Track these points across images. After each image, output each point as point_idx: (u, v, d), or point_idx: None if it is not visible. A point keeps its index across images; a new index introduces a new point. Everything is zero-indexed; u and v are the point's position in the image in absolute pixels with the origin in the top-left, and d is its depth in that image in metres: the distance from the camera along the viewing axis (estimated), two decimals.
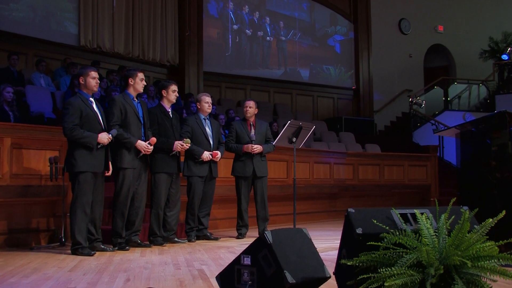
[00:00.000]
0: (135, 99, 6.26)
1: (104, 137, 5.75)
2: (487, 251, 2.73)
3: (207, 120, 7.21)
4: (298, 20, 17.17)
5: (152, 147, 6.21)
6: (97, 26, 12.38)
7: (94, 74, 5.89)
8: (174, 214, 6.73)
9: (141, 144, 6.12)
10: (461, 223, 2.72)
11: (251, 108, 7.51)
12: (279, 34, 16.73)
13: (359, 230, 3.07)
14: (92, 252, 5.57)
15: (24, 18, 11.30)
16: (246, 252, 3.42)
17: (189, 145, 6.70)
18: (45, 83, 10.07)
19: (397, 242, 2.97)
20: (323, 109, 16.92)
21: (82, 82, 5.85)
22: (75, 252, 5.58)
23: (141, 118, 6.25)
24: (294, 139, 6.61)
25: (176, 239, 6.77)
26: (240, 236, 7.41)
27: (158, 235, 6.55)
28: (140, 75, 6.30)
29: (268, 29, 16.63)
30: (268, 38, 16.49)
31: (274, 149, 7.58)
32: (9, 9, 11.05)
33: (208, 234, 7.19)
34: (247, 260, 3.41)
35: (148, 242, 6.50)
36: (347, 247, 3.22)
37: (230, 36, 15.42)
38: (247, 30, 15.85)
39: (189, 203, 7.05)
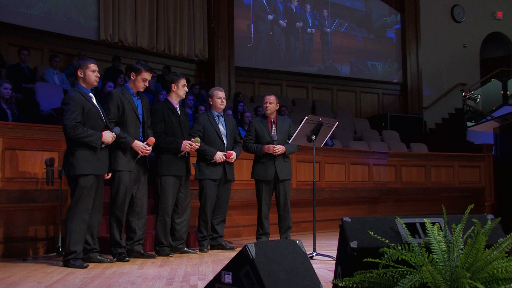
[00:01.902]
0: (135, 94, 5.96)
1: (109, 136, 5.48)
2: (508, 272, 2.28)
3: (220, 117, 6.87)
4: (350, 9, 16.62)
5: (150, 148, 5.90)
6: (118, 19, 12.24)
7: (93, 66, 5.62)
8: (183, 221, 6.41)
9: (138, 144, 5.81)
10: (474, 236, 2.27)
11: (271, 104, 7.13)
12: (323, 25, 16.21)
13: (353, 244, 2.66)
14: (85, 264, 5.28)
15: (39, 11, 11.23)
16: (227, 268, 3.07)
17: (199, 144, 6.36)
18: (59, 80, 9.93)
19: (400, 259, 2.55)
20: (366, 106, 16.40)
21: (81, 76, 5.58)
22: (66, 263, 5.31)
23: (140, 116, 5.95)
24: (313, 137, 6.19)
25: (185, 248, 6.46)
26: None
27: (164, 245, 6.24)
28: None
29: (309, 19, 16.16)
30: (309, 30, 16.02)
31: (298, 148, 7.19)
32: (24, 3, 10.98)
33: (224, 243, 6.84)
34: (228, 278, 3.05)
35: (154, 252, 6.21)
36: (342, 264, 2.82)
37: (263, 28, 15.05)
38: (280, 21, 15.43)
39: (201, 208, 6.73)
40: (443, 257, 2.48)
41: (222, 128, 6.83)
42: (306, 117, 6.09)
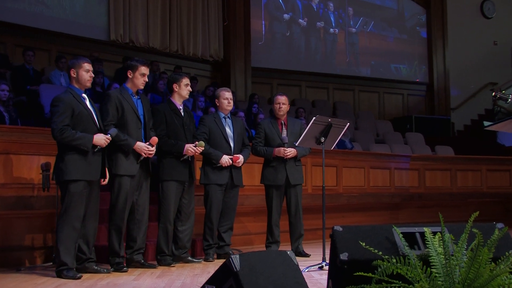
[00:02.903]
0: (134, 94, 5.81)
1: (101, 138, 5.33)
2: None
3: (227, 119, 6.70)
4: (380, 8, 16.32)
5: (154, 148, 5.73)
6: (129, 18, 12.14)
7: (87, 66, 5.47)
8: (186, 229, 6.24)
9: (140, 145, 5.65)
10: (475, 248, 2.05)
11: (284, 104, 6.96)
12: (347, 24, 15.92)
13: (343, 256, 2.47)
14: (78, 275, 5.13)
15: (46, 11, 11.18)
16: (210, 281, 2.88)
17: (203, 148, 6.18)
18: (66, 82, 9.84)
19: (395, 273, 2.34)
20: (390, 107, 16.11)
21: (74, 75, 5.44)
22: (59, 274, 5.17)
23: (141, 117, 5.79)
24: (322, 139, 5.97)
25: (189, 258, 6.28)
26: None
27: (166, 254, 6.07)
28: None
29: (332, 19, 15.91)
30: (331, 30, 15.76)
31: (311, 151, 6.99)
32: (30, 2, 10.94)
33: (230, 252, 6.65)
34: None
35: (155, 262, 6.05)
36: (333, 278, 2.61)
37: (278, 28, 14.84)
38: (300, 20, 15.21)
39: (206, 215, 6.57)
40: (443, 272, 2.26)
41: (229, 131, 6.66)
42: (314, 117, 5.88)
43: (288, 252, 3.03)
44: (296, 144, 6.36)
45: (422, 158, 11.03)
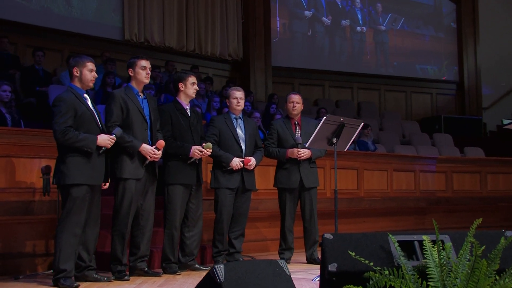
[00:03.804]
0: (140, 93, 5.69)
1: (105, 139, 5.21)
2: None
3: (239, 120, 6.54)
4: (413, 4, 15.99)
5: (160, 152, 5.60)
6: (144, 17, 12.10)
7: (91, 65, 5.37)
8: (194, 235, 6.08)
9: (146, 148, 5.52)
10: (473, 260, 1.87)
11: (298, 103, 6.81)
12: (376, 22, 15.64)
13: (332, 267, 2.31)
14: (75, 284, 5.00)
15: (58, 10, 11.17)
16: None
17: (210, 151, 6.01)
18: None
19: (387, 286, 2.16)
20: (418, 107, 15.83)
21: (77, 74, 5.33)
22: (56, 283, 5.04)
23: (147, 117, 5.66)
24: (334, 140, 5.78)
25: (197, 265, 6.12)
26: None
27: (172, 261, 5.93)
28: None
29: (359, 16, 15.66)
30: (358, 28, 15.51)
31: (326, 152, 6.81)
32: (41, 2, 10.94)
33: (241, 259, 6.49)
34: None
35: (160, 270, 5.92)
36: None
37: (298, 26, 14.64)
38: (323, 18, 14.99)
39: (216, 220, 6.41)
40: (440, 285, 2.07)
41: (240, 132, 6.50)
42: (325, 117, 5.70)
43: (280, 262, 2.86)
44: (306, 146, 6.18)
45: (449, 160, 10.74)
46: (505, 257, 2.20)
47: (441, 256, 2.12)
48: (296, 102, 6.77)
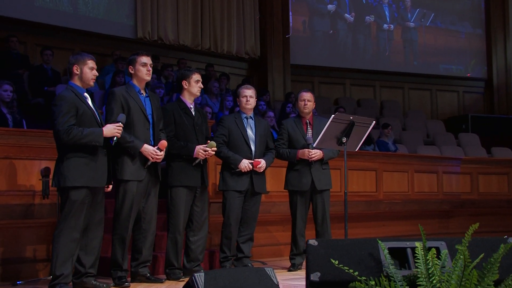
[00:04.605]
0: (142, 91, 5.59)
1: (111, 128, 5.08)
2: None
3: (249, 120, 6.40)
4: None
5: (162, 153, 5.48)
6: (157, 14, 12.05)
7: (92, 63, 5.27)
8: (199, 239, 5.95)
9: (148, 149, 5.40)
10: (461, 270, 1.70)
11: (310, 101, 6.66)
12: (404, 18, 15.36)
13: (315, 276, 2.15)
14: None
15: (69, 8, 11.16)
16: None
17: (215, 149, 5.89)
18: None
19: None
20: (444, 106, 15.57)
21: (77, 72, 5.22)
22: None
23: (149, 116, 5.55)
24: (344, 140, 5.62)
25: (202, 271, 5.99)
26: (293, 267, 6.55)
27: (175, 267, 5.81)
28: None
29: (386, 12, 15.40)
30: (385, 25, 15.26)
31: (339, 153, 6.65)
32: (52, 0, 10.95)
33: (250, 265, 6.35)
34: None
35: (164, 276, 5.81)
36: None
37: (320, 23, 14.46)
38: (346, 15, 14.78)
39: (224, 224, 6.29)
40: None
41: (250, 132, 6.36)
42: (333, 115, 5.54)
43: (267, 269, 2.71)
44: (314, 145, 6.02)
45: (474, 161, 10.52)
46: (507, 266, 2.03)
47: (429, 266, 1.96)
48: (307, 100, 6.63)
